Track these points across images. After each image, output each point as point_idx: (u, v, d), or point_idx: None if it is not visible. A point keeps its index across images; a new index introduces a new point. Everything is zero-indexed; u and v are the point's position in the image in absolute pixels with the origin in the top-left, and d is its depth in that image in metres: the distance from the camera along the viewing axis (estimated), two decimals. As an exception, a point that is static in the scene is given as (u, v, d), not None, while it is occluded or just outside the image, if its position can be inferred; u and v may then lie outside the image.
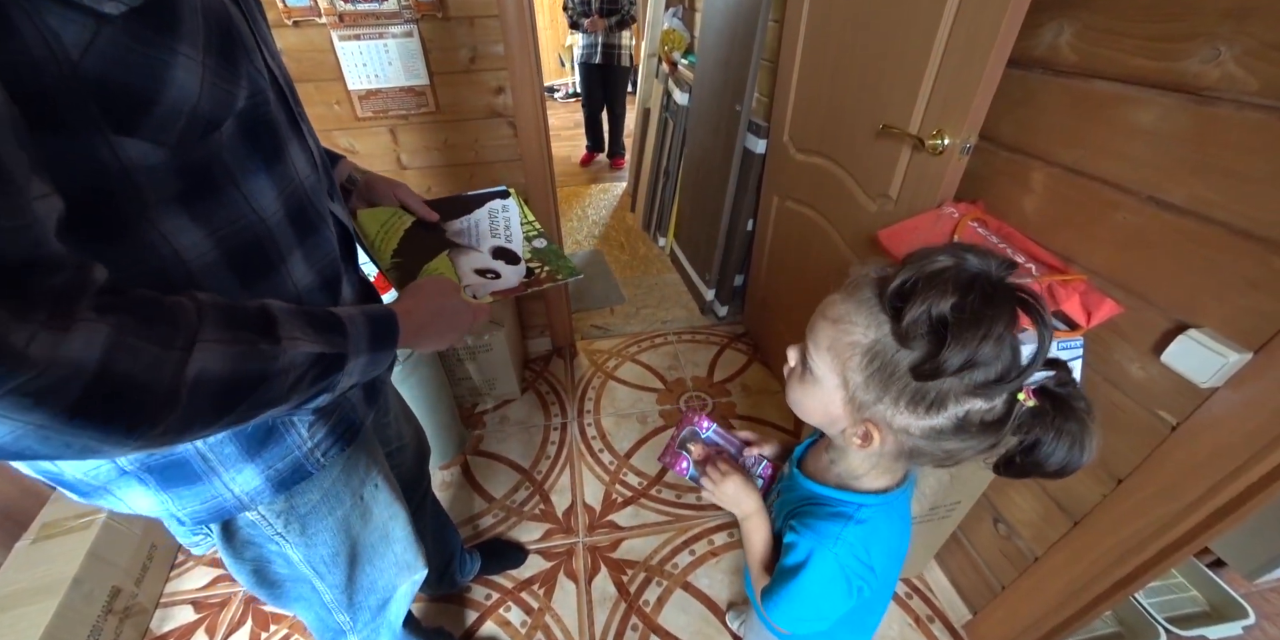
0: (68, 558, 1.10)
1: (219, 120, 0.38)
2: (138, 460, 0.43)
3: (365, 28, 1.38)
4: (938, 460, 0.45)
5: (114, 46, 0.30)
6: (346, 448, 0.57)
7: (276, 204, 0.44)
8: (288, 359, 0.38)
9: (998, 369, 0.38)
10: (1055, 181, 0.85)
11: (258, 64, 0.43)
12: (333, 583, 0.65)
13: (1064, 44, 0.80)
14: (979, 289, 0.37)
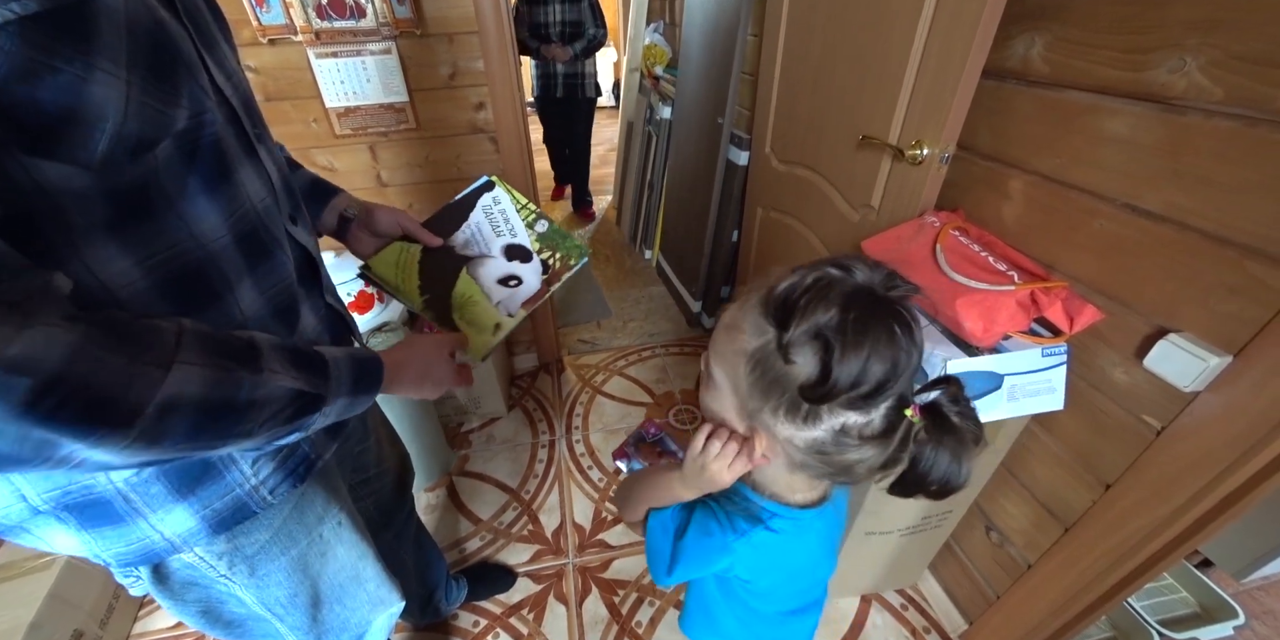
0: (25, 601, 1.04)
1: (151, 141, 0.36)
2: (53, 498, 0.40)
3: (342, 45, 1.37)
4: (831, 475, 0.44)
5: (17, 60, 0.28)
6: (299, 484, 0.53)
7: (223, 229, 0.42)
8: (265, 391, 0.38)
9: (871, 385, 0.37)
10: (1033, 189, 0.86)
11: (202, 83, 0.41)
12: (294, 624, 0.60)
13: (1036, 55, 0.82)
14: (860, 304, 0.36)
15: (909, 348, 0.37)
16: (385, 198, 1.59)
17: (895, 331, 0.37)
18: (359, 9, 1.33)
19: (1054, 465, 0.91)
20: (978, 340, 0.78)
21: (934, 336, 0.83)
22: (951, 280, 0.81)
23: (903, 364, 0.37)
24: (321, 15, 1.32)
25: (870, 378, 0.36)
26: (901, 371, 0.37)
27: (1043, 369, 0.79)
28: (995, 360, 0.78)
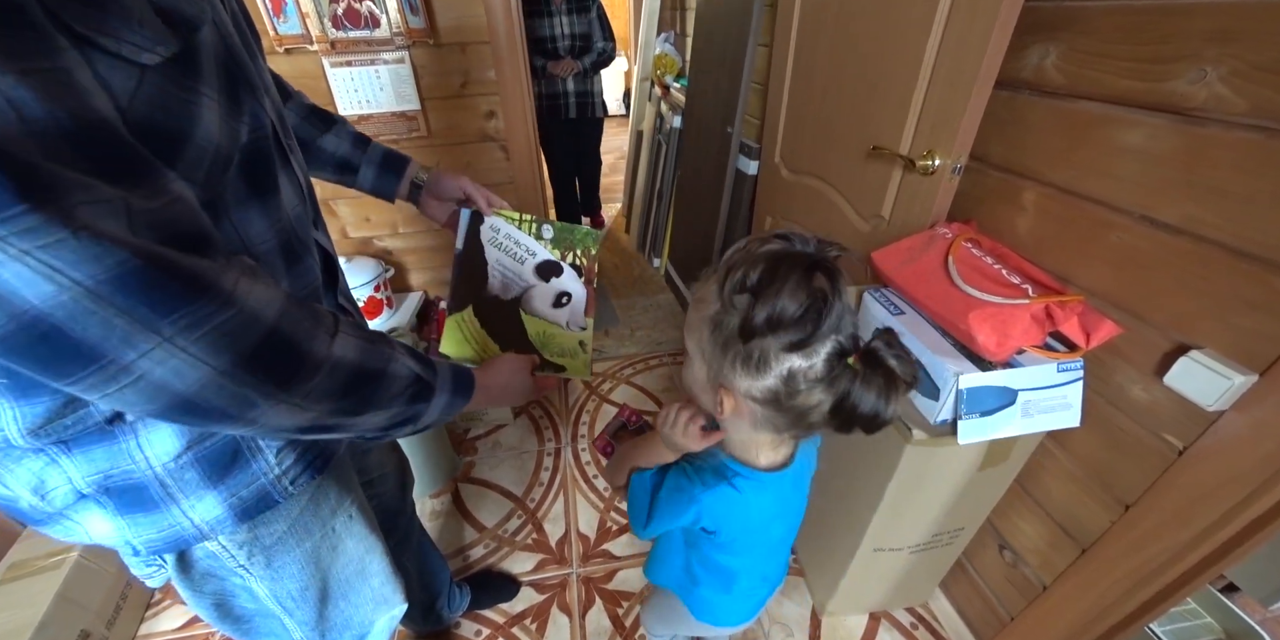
0: (34, 600, 1.05)
1: (229, 157, 0.40)
2: (95, 482, 0.42)
3: (357, 54, 1.39)
4: (790, 426, 0.50)
5: (154, 92, 0.33)
6: (316, 476, 0.55)
7: (269, 234, 0.45)
8: (396, 367, 0.44)
9: (805, 329, 0.43)
10: (1047, 201, 0.85)
11: (260, 99, 0.45)
12: (302, 619, 0.61)
13: (1050, 66, 0.81)
14: (785, 260, 0.42)
15: (828, 293, 0.42)
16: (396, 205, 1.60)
17: (808, 278, 0.42)
18: (373, 19, 1.35)
19: (1070, 483, 0.88)
20: (991, 354, 0.77)
21: (946, 350, 0.81)
22: (964, 293, 0.80)
23: (825, 307, 0.42)
24: (337, 25, 1.35)
25: (787, 314, 0.42)
26: (824, 313, 0.42)
27: (1058, 385, 0.77)
28: (1009, 375, 0.77)
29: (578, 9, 2.34)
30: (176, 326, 0.30)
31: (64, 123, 0.27)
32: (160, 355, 0.30)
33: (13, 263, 0.25)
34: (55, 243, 0.26)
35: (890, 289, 0.97)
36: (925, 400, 0.84)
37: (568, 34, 2.35)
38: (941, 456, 0.86)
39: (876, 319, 0.94)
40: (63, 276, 0.26)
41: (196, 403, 0.32)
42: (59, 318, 0.27)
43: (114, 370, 0.29)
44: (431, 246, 1.73)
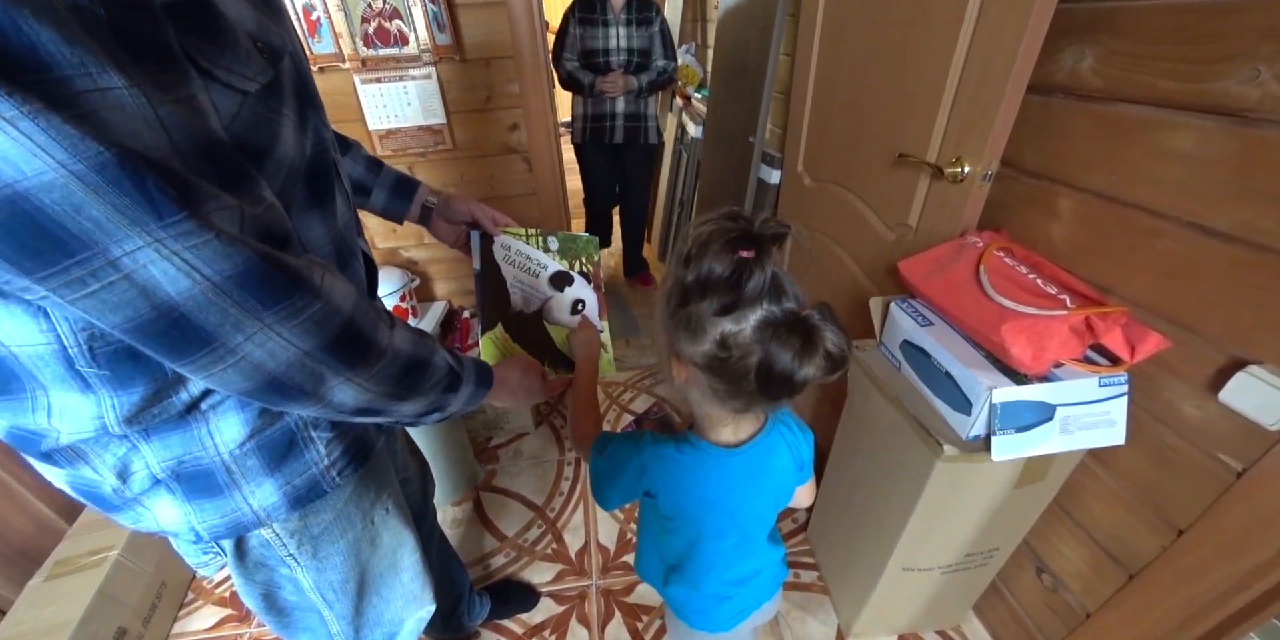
0: (77, 597, 1.08)
1: (300, 168, 0.45)
2: (169, 467, 0.45)
3: (386, 71, 1.43)
4: (731, 393, 0.51)
5: (250, 115, 0.38)
6: (359, 468, 0.58)
7: (325, 239, 0.49)
8: (437, 359, 0.49)
9: (731, 293, 0.46)
10: (1085, 208, 0.81)
11: (321, 117, 0.50)
12: (340, 613, 0.64)
13: (1086, 69, 0.78)
14: (718, 232, 0.46)
15: (750, 261, 0.45)
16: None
17: (733, 247, 0.45)
18: (402, 37, 1.39)
19: (1115, 505, 0.83)
20: (1026, 368, 0.73)
21: (977, 363, 0.78)
22: (997, 304, 0.77)
23: (746, 272, 0.45)
24: (368, 44, 1.39)
25: (713, 276, 0.46)
26: (745, 278, 0.45)
27: (1100, 400, 0.73)
28: (1046, 389, 0.73)
29: (638, 20, 2.03)
30: (277, 315, 0.34)
31: (199, 141, 0.32)
32: (261, 339, 0.34)
33: (163, 261, 0.30)
34: (200, 244, 0.30)
35: (918, 300, 0.95)
36: (956, 414, 0.80)
37: (624, 48, 2.04)
38: (974, 473, 0.82)
39: (904, 331, 0.91)
40: (198, 273, 0.31)
41: (283, 381, 0.37)
42: (188, 308, 0.31)
43: (222, 352, 0.34)
44: (456, 257, 1.76)
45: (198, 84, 0.33)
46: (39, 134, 0.25)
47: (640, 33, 2.05)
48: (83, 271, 0.28)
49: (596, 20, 2.01)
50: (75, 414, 0.40)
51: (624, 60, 2.06)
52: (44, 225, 0.27)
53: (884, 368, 0.96)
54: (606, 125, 2.16)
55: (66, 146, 0.26)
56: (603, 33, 2.02)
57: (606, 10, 2.01)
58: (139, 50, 0.29)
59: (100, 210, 0.27)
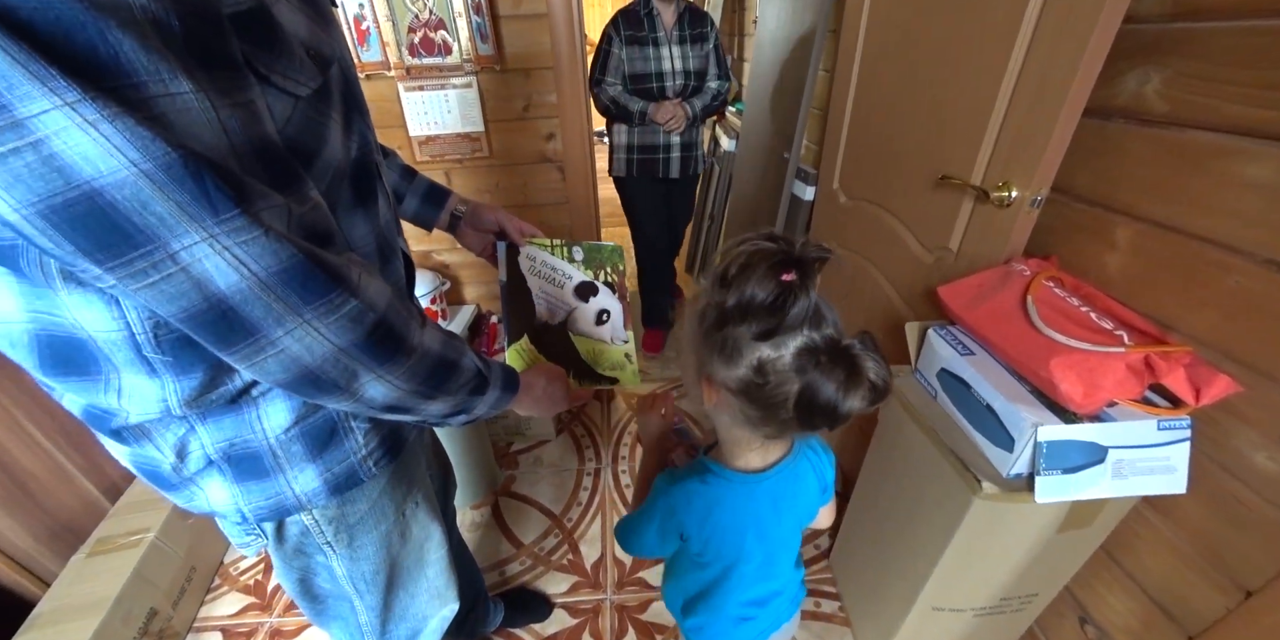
0: (114, 575, 1.12)
1: (345, 169, 0.47)
2: (222, 449, 0.48)
3: (429, 79, 1.47)
4: (764, 419, 0.50)
5: (302, 118, 0.40)
6: (394, 460, 0.60)
7: (369, 238, 0.51)
8: (466, 360, 0.50)
9: (772, 319, 0.44)
10: (1145, 239, 0.77)
11: (366, 121, 0.51)
12: (370, 604, 0.67)
13: (1151, 92, 0.74)
14: (760, 254, 0.45)
15: (795, 286, 0.43)
16: (455, 222, 1.66)
17: (777, 271, 0.44)
18: (446, 47, 1.42)
19: (1172, 557, 0.78)
20: (1076, 405, 0.69)
21: (1021, 397, 0.74)
22: (1045, 337, 0.73)
23: (790, 298, 0.43)
24: (413, 53, 1.43)
25: (755, 301, 0.44)
26: (789, 304, 0.43)
27: (1159, 444, 0.69)
28: (1098, 430, 0.69)
29: (692, 37, 1.73)
30: (316, 311, 0.36)
31: (254, 143, 0.34)
32: (299, 333, 0.36)
33: (215, 256, 0.31)
34: (250, 240, 0.32)
35: (958, 327, 0.91)
36: (997, 450, 0.76)
37: (679, 70, 1.73)
38: (1014, 513, 0.78)
39: (942, 358, 0.87)
40: (245, 269, 0.32)
41: (318, 375, 0.38)
42: (235, 301, 0.33)
43: (264, 343, 0.35)
44: (484, 262, 1.78)
45: (256, 90, 0.35)
46: (116, 136, 0.27)
47: (695, 52, 1.75)
48: (145, 263, 0.30)
49: (645, 39, 1.69)
50: (142, 395, 0.43)
51: (680, 85, 1.74)
52: (115, 220, 0.28)
53: (919, 395, 0.93)
54: (660, 158, 1.84)
55: (139, 147, 0.27)
56: (653, 53, 1.71)
57: (657, 26, 1.69)
58: (206, 59, 0.31)
59: (164, 206, 0.29)
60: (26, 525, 1.13)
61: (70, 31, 0.25)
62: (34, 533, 1.14)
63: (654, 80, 1.74)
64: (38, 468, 1.16)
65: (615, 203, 3.21)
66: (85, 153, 0.26)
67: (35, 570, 1.15)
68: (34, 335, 0.39)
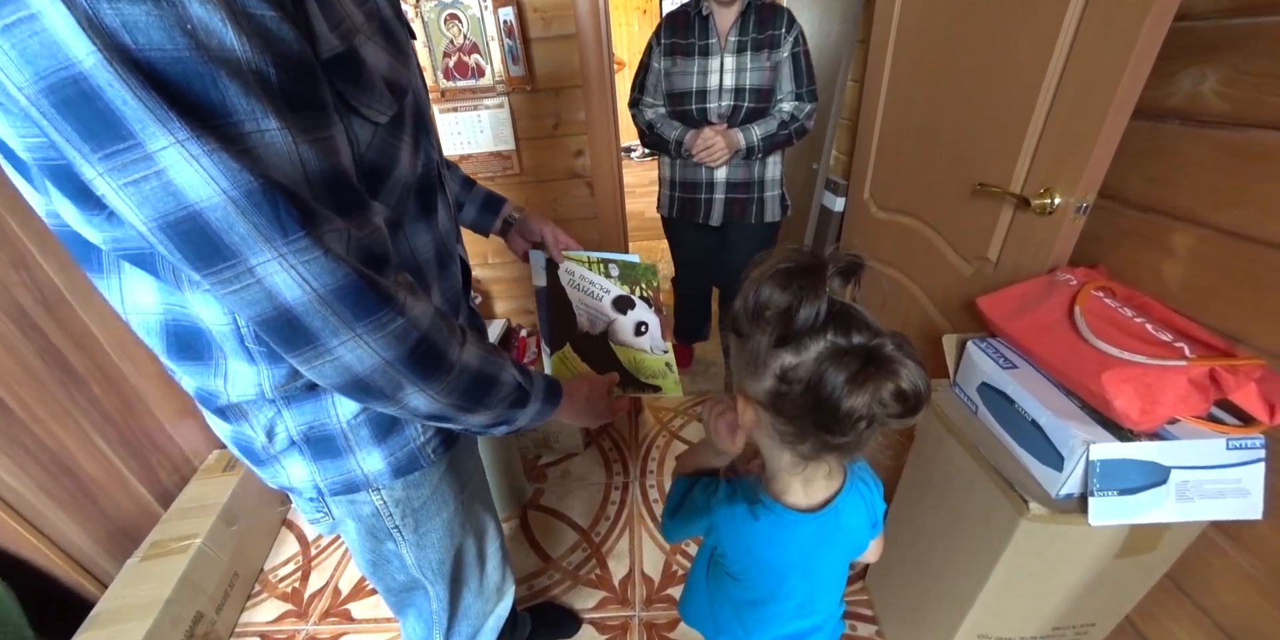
0: (164, 579, 1.17)
1: (412, 185, 0.51)
2: (301, 431, 0.54)
3: (462, 101, 1.52)
4: (796, 436, 0.48)
5: (380, 142, 0.46)
6: (449, 449, 0.64)
7: (430, 246, 0.55)
8: (506, 375, 0.52)
9: (786, 322, 0.43)
10: (1206, 245, 0.72)
11: (431, 140, 0.56)
12: (439, 594, 0.73)
13: (1208, 91, 0.70)
14: (780, 261, 0.44)
15: (803, 287, 0.42)
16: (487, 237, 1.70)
17: (791, 274, 0.43)
18: (479, 70, 1.47)
19: (1247, 588, 0.71)
20: (1133, 422, 0.65)
21: (1070, 413, 0.70)
22: (1096, 349, 0.69)
23: (800, 299, 0.42)
24: (448, 76, 1.48)
25: (772, 302, 0.43)
26: (799, 305, 0.42)
27: (1229, 465, 0.64)
28: (1158, 449, 0.65)
29: (756, 44, 1.34)
30: (367, 327, 0.40)
31: (325, 174, 0.38)
32: (352, 345, 0.40)
33: (283, 272, 0.36)
34: (312, 259, 0.36)
35: (999, 339, 0.87)
36: (1044, 468, 0.72)
37: (729, 87, 1.37)
38: (1065, 537, 0.73)
39: (983, 372, 0.84)
40: (308, 284, 0.37)
41: (367, 382, 0.43)
42: (299, 312, 0.37)
43: (321, 351, 0.40)
44: (516, 277, 1.81)
45: (337, 127, 0.40)
46: (213, 168, 0.32)
47: (757, 63, 1.34)
48: (230, 274, 0.35)
49: (690, 47, 1.36)
50: (242, 379, 0.49)
51: (727, 106, 1.37)
52: (209, 237, 0.34)
53: (959, 410, 0.89)
54: (700, 199, 1.47)
55: (230, 177, 0.32)
56: (698, 66, 1.36)
57: (708, 30, 1.35)
58: (293, 101, 0.35)
59: (245, 227, 0.34)
60: (88, 528, 1.19)
61: (190, 79, 0.30)
62: (94, 535, 1.21)
63: (692, 100, 1.38)
64: (99, 473, 1.22)
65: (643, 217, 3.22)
66: (191, 181, 0.32)
67: (94, 571, 1.21)
68: (165, 325, 0.47)
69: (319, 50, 0.38)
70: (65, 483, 1.14)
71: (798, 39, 1.35)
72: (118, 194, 0.32)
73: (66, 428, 1.15)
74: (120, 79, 0.29)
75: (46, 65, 0.28)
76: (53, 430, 1.12)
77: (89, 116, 0.29)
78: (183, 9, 0.29)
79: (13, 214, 1.08)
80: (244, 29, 0.32)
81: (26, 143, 0.35)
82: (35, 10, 0.27)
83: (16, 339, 1.06)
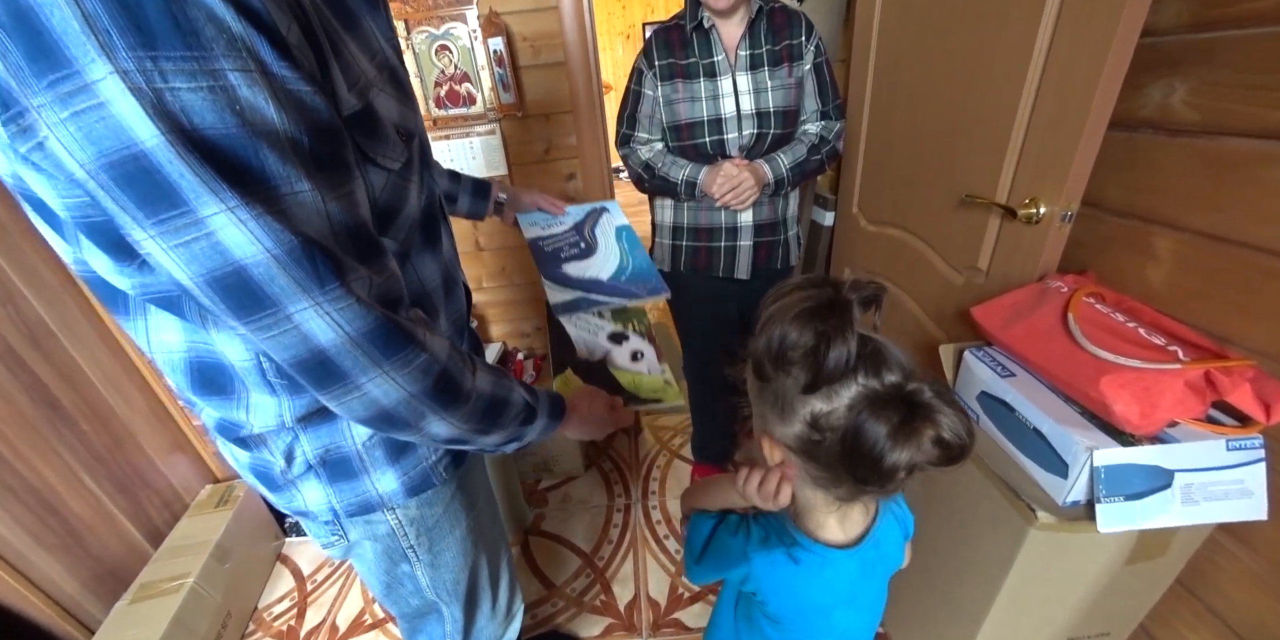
0: (154, 622, 1.13)
1: (418, 219, 0.54)
2: (318, 455, 0.56)
3: (454, 129, 1.54)
4: (830, 481, 0.46)
5: (392, 186, 0.49)
6: (459, 468, 0.65)
7: (435, 274, 0.58)
8: (514, 396, 0.54)
9: (812, 367, 0.41)
10: (1188, 249, 0.74)
11: (432, 174, 0.59)
12: (454, 615, 0.74)
13: (1178, 102, 0.73)
14: (797, 295, 0.42)
15: (834, 332, 0.40)
16: (481, 261, 1.71)
17: (813, 314, 0.41)
18: (470, 98, 1.50)
19: (1257, 590, 0.71)
20: (1133, 427, 0.66)
21: (1071, 419, 0.71)
22: (1091, 355, 0.70)
23: (827, 343, 0.40)
24: (440, 105, 1.51)
25: (790, 342, 0.41)
26: (826, 349, 0.40)
27: (1230, 466, 0.64)
28: (1160, 452, 0.65)
29: (773, 57, 1.09)
30: (394, 364, 0.43)
31: (349, 226, 0.41)
32: (380, 381, 0.43)
33: (319, 319, 0.39)
34: (345, 307, 0.39)
35: (995, 348, 0.88)
36: (1049, 476, 0.72)
37: (748, 112, 1.10)
38: (1076, 544, 0.73)
39: (981, 381, 0.84)
40: (341, 329, 0.40)
41: (392, 415, 0.45)
42: (332, 353, 0.40)
43: (350, 387, 0.42)
44: (510, 300, 1.81)
45: (357, 181, 0.43)
46: (258, 230, 0.35)
47: (777, 79, 1.09)
48: (270, 321, 0.38)
49: (694, 67, 1.08)
50: (264, 410, 0.51)
51: (749, 135, 1.10)
52: (252, 290, 0.37)
53: (961, 420, 0.89)
54: (721, 248, 1.20)
55: (271, 236, 0.35)
56: (706, 89, 1.09)
57: (711, 46, 1.08)
58: (322, 162, 0.39)
59: (284, 280, 0.37)
60: (74, 571, 1.15)
61: (237, 151, 0.34)
62: (80, 578, 1.16)
63: (704, 132, 1.10)
64: (87, 513, 1.19)
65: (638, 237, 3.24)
66: (238, 241, 0.35)
67: (79, 616, 1.16)
68: (189, 362, 0.49)
69: (340, 110, 0.41)
70: (51, 524, 1.11)
71: (819, 47, 1.11)
72: (167, 253, 0.35)
73: (53, 466, 1.12)
74: (180, 156, 0.32)
75: (111, 145, 0.31)
76: (38, 469, 1.09)
77: (147, 188, 0.32)
78: (233, 93, 0.33)
79: (0, 251, 1.07)
80: (283, 104, 0.35)
81: (66, 203, 0.38)
82: (105, 98, 0.30)
83: (2, 377, 1.05)
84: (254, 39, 0.33)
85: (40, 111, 0.31)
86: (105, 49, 0.29)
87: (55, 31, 0.29)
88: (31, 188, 0.38)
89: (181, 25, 0.30)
